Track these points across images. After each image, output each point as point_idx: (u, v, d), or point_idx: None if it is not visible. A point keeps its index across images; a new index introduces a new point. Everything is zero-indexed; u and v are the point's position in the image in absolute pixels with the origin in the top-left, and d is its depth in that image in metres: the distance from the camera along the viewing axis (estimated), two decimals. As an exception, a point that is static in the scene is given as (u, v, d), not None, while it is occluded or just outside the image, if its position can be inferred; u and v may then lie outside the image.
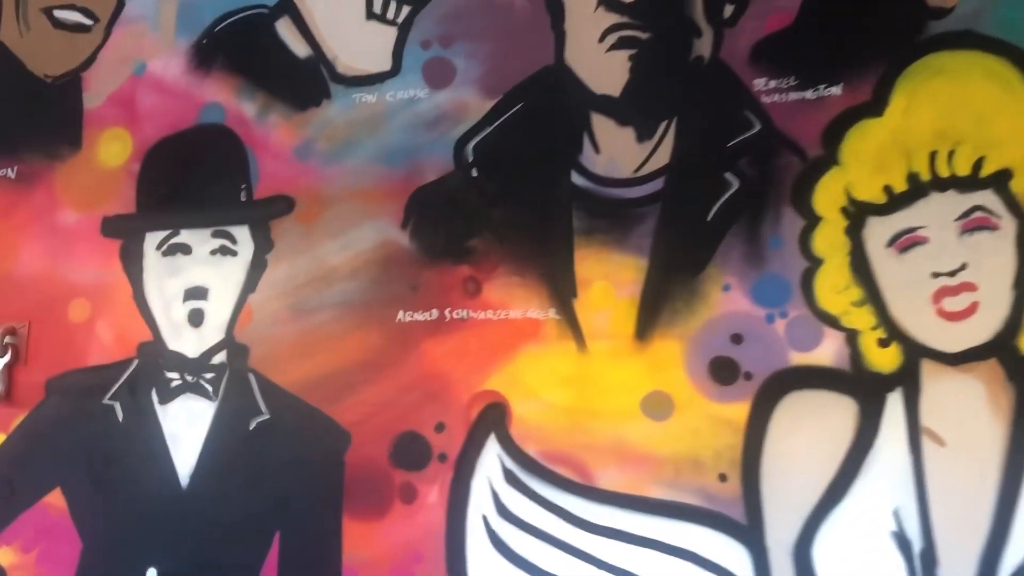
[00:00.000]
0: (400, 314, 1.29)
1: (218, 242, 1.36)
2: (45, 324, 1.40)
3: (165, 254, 1.37)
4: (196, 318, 1.35)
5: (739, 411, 1.14)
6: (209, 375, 1.33)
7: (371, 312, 1.30)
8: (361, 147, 1.32)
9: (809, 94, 1.18)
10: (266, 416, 1.31)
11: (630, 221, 1.23)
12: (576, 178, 1.27)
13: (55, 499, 1.35)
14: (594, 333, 1.23)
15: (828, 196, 1.17)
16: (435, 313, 1.28)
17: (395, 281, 1.30)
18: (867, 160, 1.15)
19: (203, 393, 1.33)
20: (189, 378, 1.33)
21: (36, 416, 1.39)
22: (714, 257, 1.20)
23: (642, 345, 1.21)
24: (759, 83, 1.20)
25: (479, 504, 1.22)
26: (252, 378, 1.32)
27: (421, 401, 1.27)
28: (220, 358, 1.34)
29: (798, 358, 1.14)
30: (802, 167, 1.17)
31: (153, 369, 1.35)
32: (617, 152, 1.26)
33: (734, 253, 1.18)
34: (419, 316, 1.28)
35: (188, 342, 1.35)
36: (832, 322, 1.14)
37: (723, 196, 1.20)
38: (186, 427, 1.33)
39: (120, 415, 1.34)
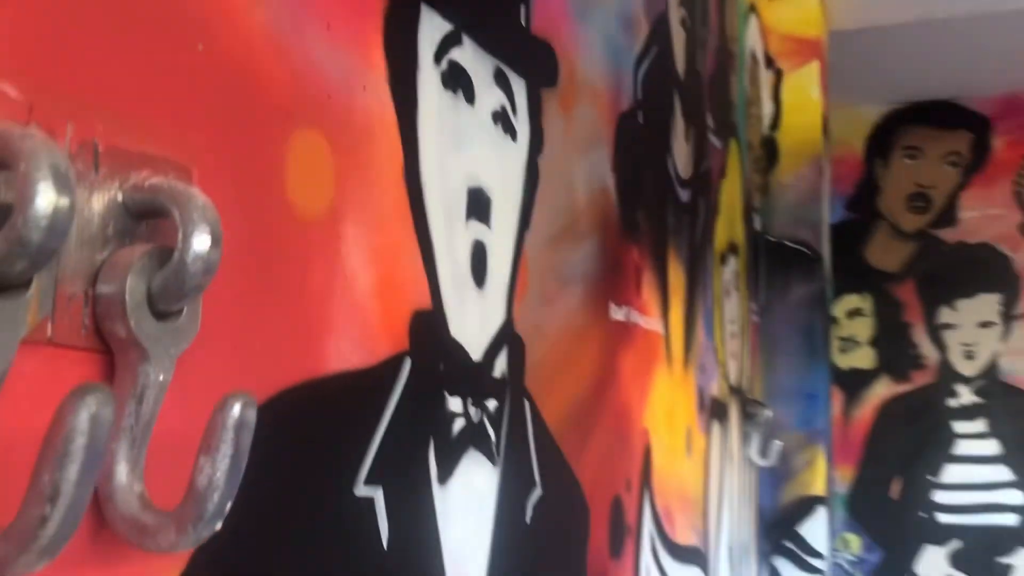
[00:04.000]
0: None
1: (498, 98, 0.70)
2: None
3: (446, 82, 0.60)
4: (480, 265, 0.66)
5: None
6: (492, 403, 0.68)
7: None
8: None
9: None
10: (540, 491, 0.77)
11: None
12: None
13: None
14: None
15: None
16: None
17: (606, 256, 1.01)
18: None
19: (487, 448, 0.66)
20: (473, 412, 0.64)
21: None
22: None
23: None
24: None
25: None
26: (528, 409, 0.75)
27: (617, 447, 1.04)
28: (501, 366, 0.70)
29: None
30: None
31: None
32: None
33: None
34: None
35: (469, 323, 0.64)
36: None
37: None
38: (469, 532, 0.63)
39: (383, 524, 0.51)
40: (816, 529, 2.19)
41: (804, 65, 2.32)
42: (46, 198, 0.27)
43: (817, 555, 2.16)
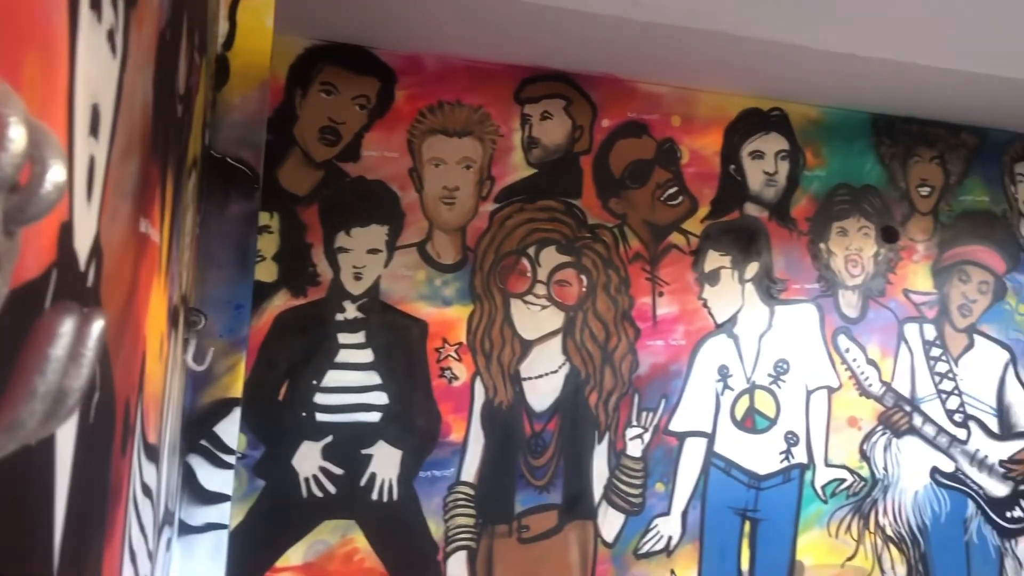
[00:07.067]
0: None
1: (111, 16, 0.70)
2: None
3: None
4: (91, 179, 0.66)
5: None
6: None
7: None
8: None
9: None
10: (99, 394, 0.79)
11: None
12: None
13: None
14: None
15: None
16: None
17: (142, 171, 1.04)
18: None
19: (82, 353, 0.68)
20: (79, 319, 0.66)
21: None
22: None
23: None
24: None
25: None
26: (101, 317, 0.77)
27: (131, 354, 1.09)
28: (91, 277, 0.71)
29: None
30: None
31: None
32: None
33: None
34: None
35: (81, 235, 0.64)
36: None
37: None
38: (66, 431, 0.65)
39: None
40: (230, 428, 2.36)
41: (262, -7, 2.42)
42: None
43: (230, 451, 2.34)
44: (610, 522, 3.75)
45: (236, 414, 2.36)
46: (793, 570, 3.96)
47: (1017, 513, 4.31)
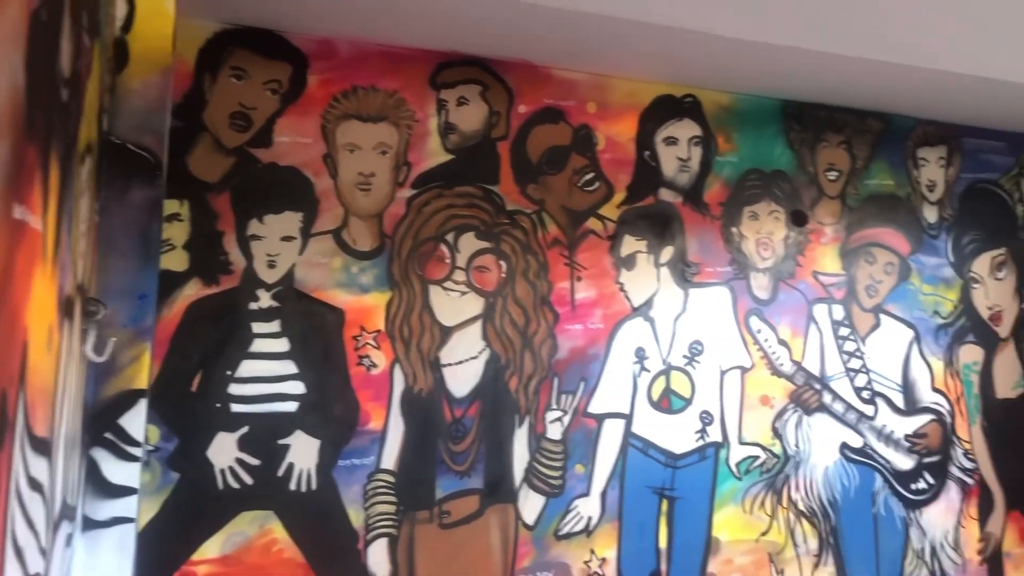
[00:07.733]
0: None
1: None
2: None
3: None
4: None
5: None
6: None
7: None
8: None
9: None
10: None
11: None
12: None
13: None
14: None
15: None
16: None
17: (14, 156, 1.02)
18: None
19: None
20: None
21: None
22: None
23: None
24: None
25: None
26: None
27: (6, 345, 1.06)
28: None
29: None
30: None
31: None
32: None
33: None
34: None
35: None
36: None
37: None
38: None
39: None
40: (135, 420, 2.31)
41: (164, -26, 2.36)
42: None
43: (135, 444, 2.30)
44: (531, 505, 3.79)
45: (142, 406, 2.31)
46: (709, 546, 4.05)
47: (921, 485, 4.48)
